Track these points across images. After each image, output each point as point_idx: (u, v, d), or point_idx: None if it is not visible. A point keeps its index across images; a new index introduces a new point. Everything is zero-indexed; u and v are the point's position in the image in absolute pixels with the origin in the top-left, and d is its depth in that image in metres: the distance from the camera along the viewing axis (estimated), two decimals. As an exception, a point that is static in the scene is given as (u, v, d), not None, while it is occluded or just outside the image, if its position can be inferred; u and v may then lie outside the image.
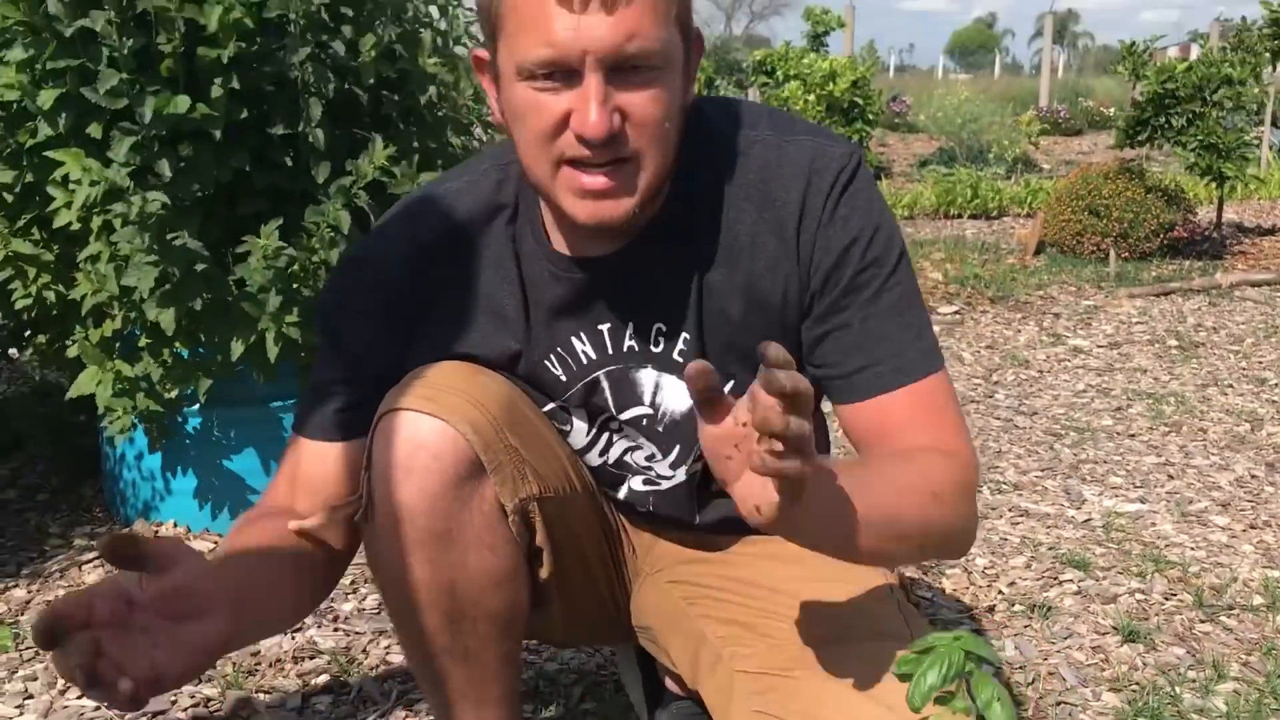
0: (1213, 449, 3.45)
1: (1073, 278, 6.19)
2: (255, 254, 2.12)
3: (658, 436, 1.35)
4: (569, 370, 1.31)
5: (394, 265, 1.29)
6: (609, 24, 1.03)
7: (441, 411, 1.19)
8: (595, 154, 1.08)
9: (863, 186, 1.22)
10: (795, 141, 1.23)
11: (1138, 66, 6.95)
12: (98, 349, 2.35)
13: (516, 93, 1.10)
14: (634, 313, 1.27)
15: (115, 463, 2.67)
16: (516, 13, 1.06)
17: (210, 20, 2.09)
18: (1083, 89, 23.33)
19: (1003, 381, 4.25)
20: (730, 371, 1.28)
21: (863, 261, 1.20)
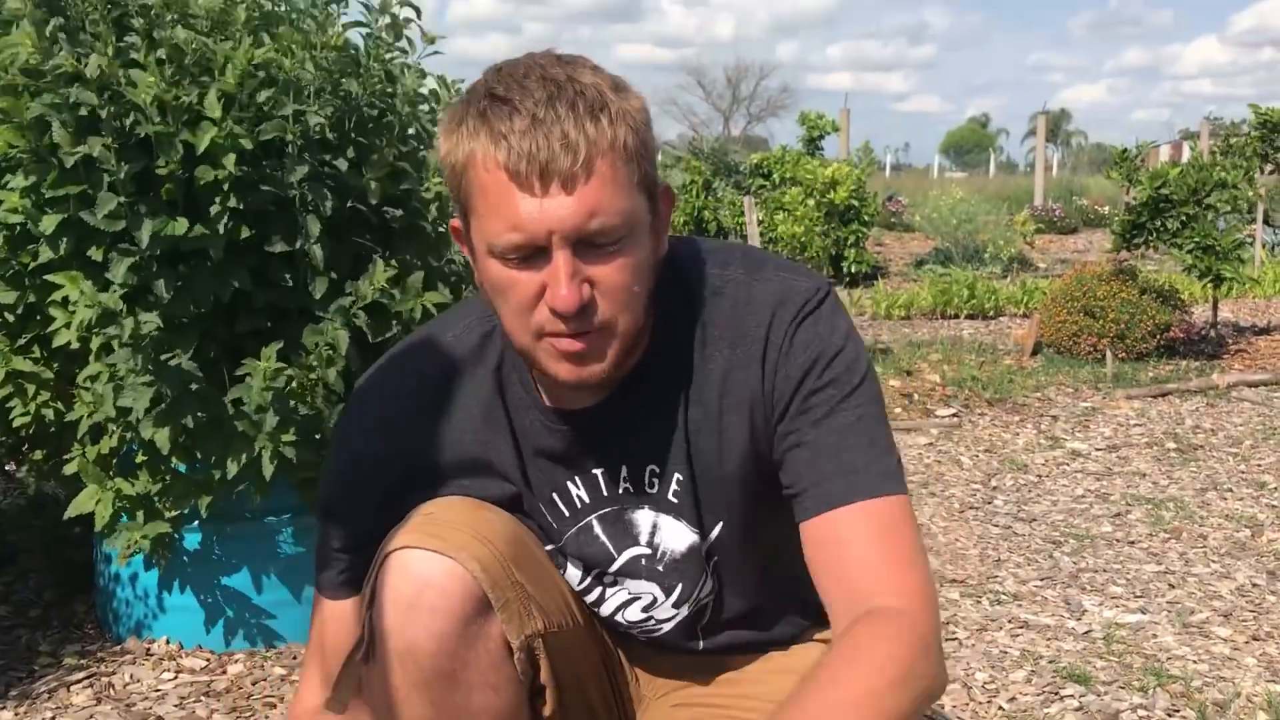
0: (1213, 556, 3.43)
1: (1070, 379, 6.21)
2: (256, 377, 2.14)
3: (658, 576, 1.34)
4: (561, 515, 1.32)
5: (386, 434, 1.31)
6: (571, 204, 1.07)
7: (448, 549, 1.18)
8: (570, 325, 1.11)
9: (826, 314, 1.23)
10: (764, 280, 1.25)
11: (1130, 172, 7.05)
12: (96, 466, 2.35)
13: (493, 269, 1.13)
14: (625, 457, 1.28)
15: (109, 578, 2.66)
16: (483, 197, 1.09)
17: (201, 142, 2.13)
18: (1077, 187, 23.63)
19: (1001, 487, 4.24)
20: (719, 513, 1.29)
21: (818, 382, 1.20)
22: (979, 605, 3.01)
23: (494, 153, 1.07)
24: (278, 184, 2.27)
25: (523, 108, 1.07)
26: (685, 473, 1.27)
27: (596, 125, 1.07)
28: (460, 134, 1.11)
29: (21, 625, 2.72)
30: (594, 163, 1.07)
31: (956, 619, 2.91)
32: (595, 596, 1.37)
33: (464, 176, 1.11)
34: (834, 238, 9.43)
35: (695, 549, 1.31)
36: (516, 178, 1.06)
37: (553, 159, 1.05)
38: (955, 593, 3.10)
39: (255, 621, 2.59)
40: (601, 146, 1.07)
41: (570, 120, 1.06)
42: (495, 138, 1.07)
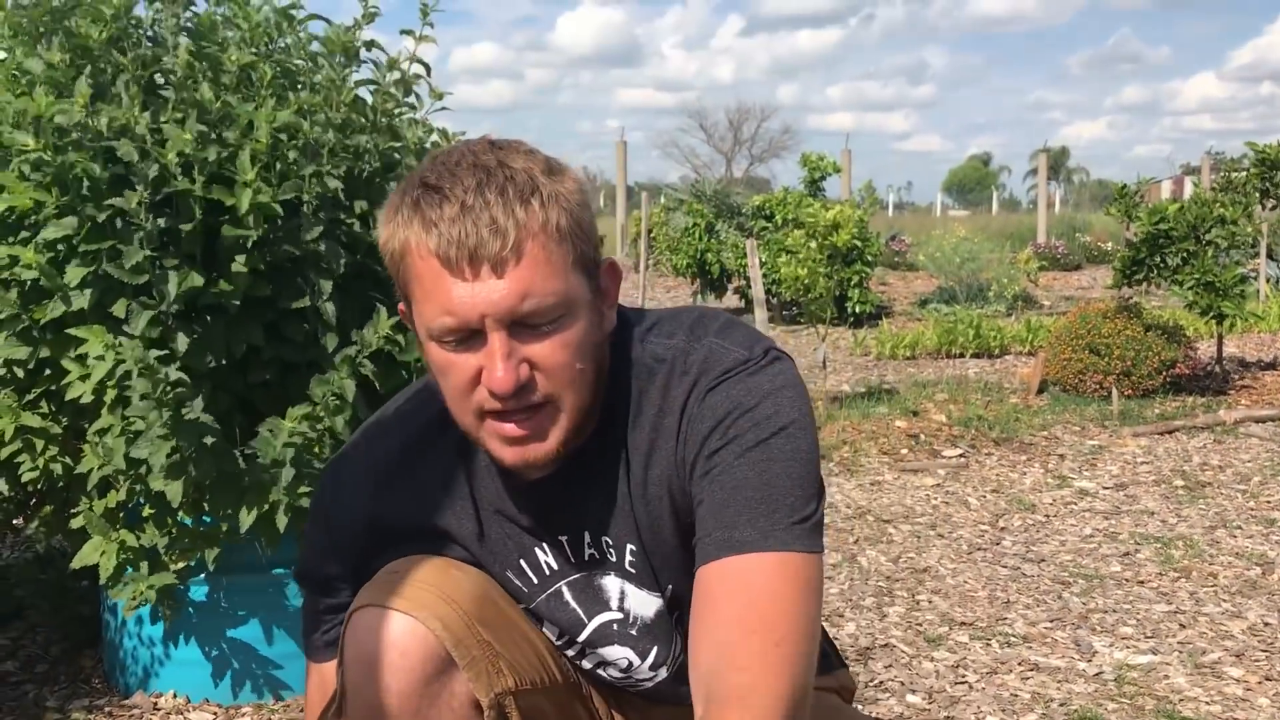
0: (1224, 595, 3.42)
1: (1076, 417, 6.20)
2: (280, 435, 2.16)
3: (631, 640, 1.35)
4: (530, 582, 1.33)
5: (357, 501, 1.33)
6: (501, 288, 1.08)
7: (411, 608, 1.20)
8: (507, 404, 1.12)
9: (745, 377, 1.19)
10: (700, 343, 1.23)
11: (1130, 209, 7.07)
12: (102, 519, 2.36)
13: (433, 352, 1.15)
14: (587, 524, 1.29)
15: (116, 631, 2.66)
16: (419, 283, 1.12)
17: (241, 203, 2.17)
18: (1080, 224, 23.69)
19: (1009, 527, 4.23)
20: (669, 575, 1.30)
21: (720, 441, 1.17)
22: (988, 647, 3.00)
23: (426, 240, 1.09)
24: (294, 241, 2.30)
25: (453, 195, 1.09)
26: (635, 542, 1.28)
27: (527, 209, 1.09)
28: (396, 222, 1.13)
29: (29, 680, 2.72)
30: (524, 245, 1.08)
31: (966, 662, 2.90)
32: (574, 653, 1.39)
33: (401, 263, 1.14)
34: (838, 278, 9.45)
35: (662, 613, 1.33)
36: (448, 264, 1.08)
37: (481, 244, 1.07)
38: (964, 635, 3.09)
39: (263, 673, 2.59)
40: (532, 229, 1.09)
41: (499, 206, 1.08)
42: (427, 225, 1.09)
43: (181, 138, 2.18)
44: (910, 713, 2.59)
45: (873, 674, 2.80)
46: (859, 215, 9.99)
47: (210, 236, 2.27)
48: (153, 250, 2.19)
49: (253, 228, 2.21)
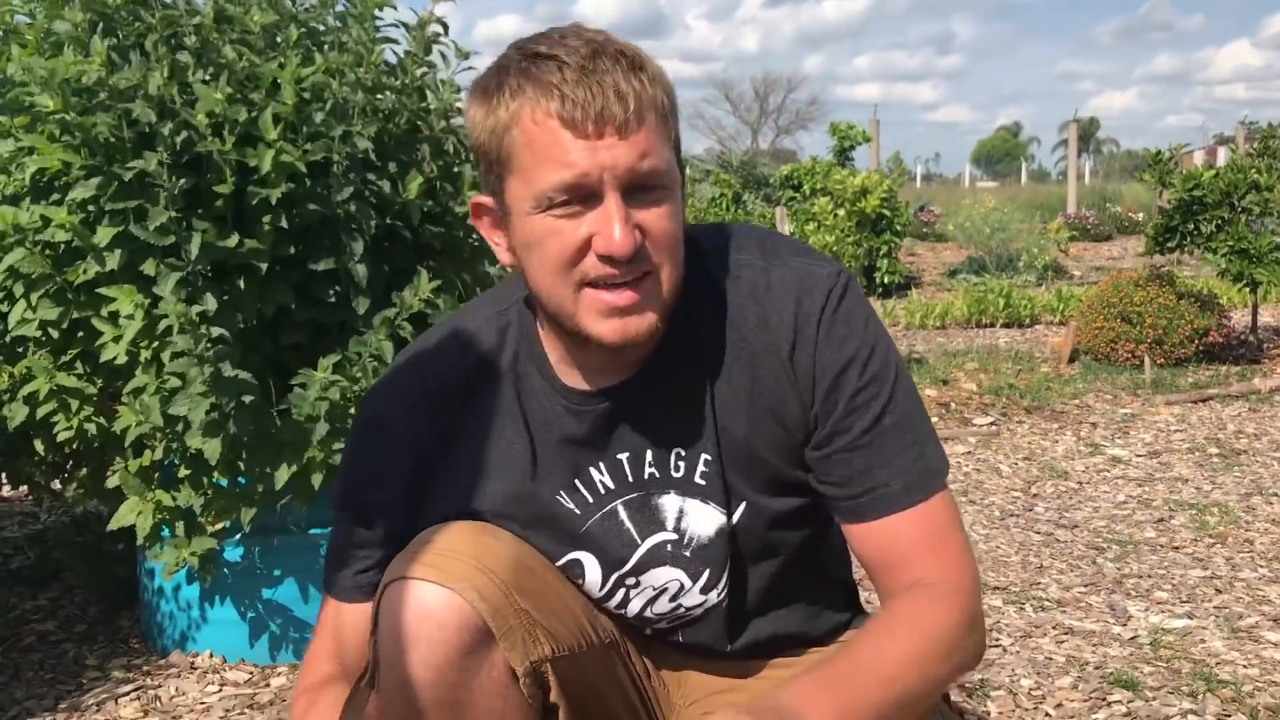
0: (1260, 561, 3.39)
1: (1108, 385, 6.15)
2: (313, 387, 2.16)
3: (684, 562, 1.34)
4: (585, 503, 1.31)
5: (403, 425, 1.31)
6: (624, 146, 1.10)
7: (447, 579, 1.17)
8: (621, 271, 1.13)
9: (854, 305, 1.25)
10: (782, 264, 1.26)
11: (1163, 175, 6.99)
12: (137, 479, 2.37)
13: (533, 224, 1.14)
14: (652, 440, 1.29)
15: (153, 593, 2.68)
16: (531, 146, 1.12)
17: (264, 163, 2.16)
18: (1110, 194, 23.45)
19: (1042, 494, 4.20)
20: (743, 494, 1.30)
21: (861, 380, 1.23)
22: (1022, 612, 2.98)
23: (545, 103, 1.10)
24: (323, 202, 2.29)
25: (570, 61, 1.10)
26: (713, 453, 1.28)
27: (640, 80, 1.12)
28: (500, 97, 1.13)
29: (69, 640, 2.75)
30: (643, 112, 1.11)
31: (1000, 626, 2.88)
32: (619, 599, 1.36)
33: (505, 137, 1.13)
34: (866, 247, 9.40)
35: (723, 532, 1.32)
36: (570, 125, 1.09)
37: (606, 106, 1.09)
38: (998, 600, 3.08)
39: (298, 635, 2.60)
40: (646, 99, 1.12)
41: (618, 73, 1.11)
42: (546, 89, 1.10)
43: (212, 97, 2.17)
44: (944, 675, 2.58)
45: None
46: (887, 184, 9.93)
47: (241, 197, 2.27)
48: (178, 211, 2.19)
49: (277, 186, 2.20)
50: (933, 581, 1.21)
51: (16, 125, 2.32)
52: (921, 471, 1.24)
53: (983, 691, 2.49)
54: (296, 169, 2.21)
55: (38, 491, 2.83)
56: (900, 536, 1.24)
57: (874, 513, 1.24)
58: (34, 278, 2.26)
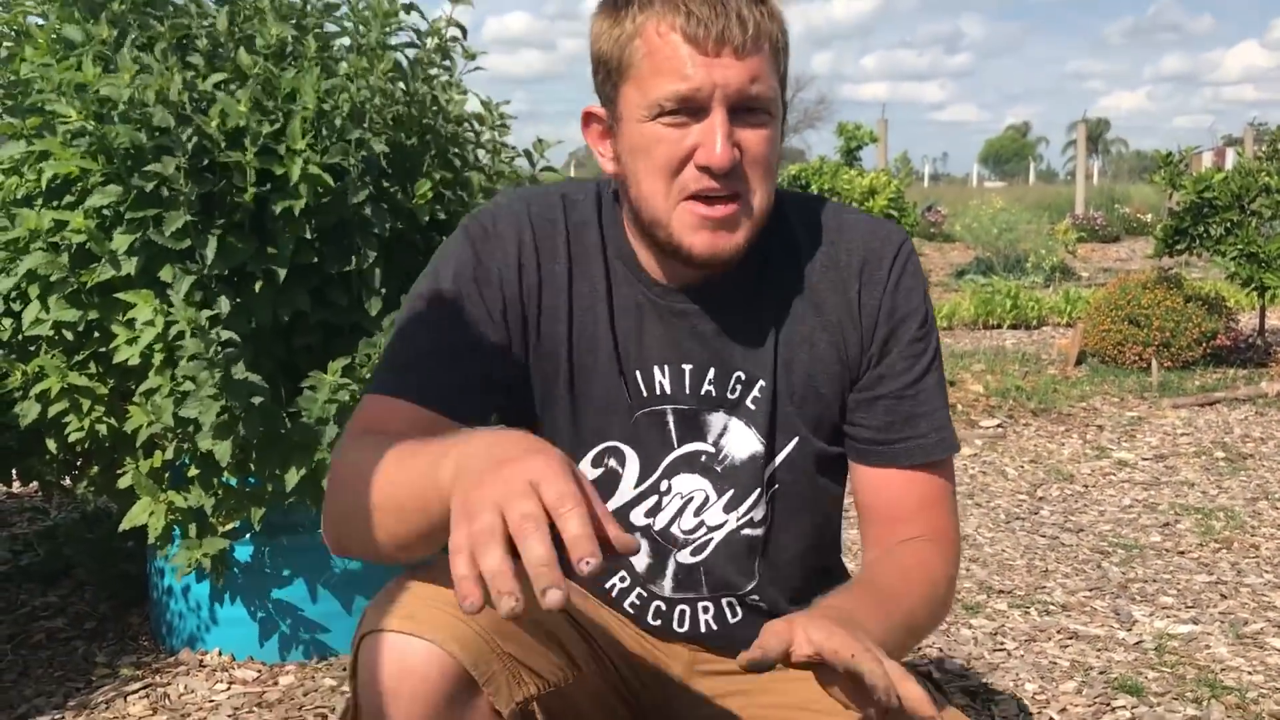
0: (1266, 567, 3.39)
1: (1115, 388, 6.16)
2: (322, 390, 2.17)
3: (713, 476, 1.37)
4: (640, 395, 1.35)
5: (513, 249, 1.32)
6: (738, 66, 1.18)
7: (425, 631, 1.14)
8: (719, 185, 1.21)
9: (917, 265, 1.37)
10: (854, 214, 1.39)
11: (1174, 176, 6.98)
12: (149, 479, 2.39)
13: (642, 131, 1.22)
14: (717, 358, 1.34)
15: (162, 591, 2.70)
16: (652, 56, 1.20)
17: (293, 172, 2.18)
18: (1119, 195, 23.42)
19: (1048, 497, 4.21)
20: (795, 428, 1.35)
21: (918, 333, 1.34)
22: (1027, 616, 2.99)
23: (672, 18, 1.18)
24: (340, 207, 2.31)
25: None
26: (769, 382, 1.34)
27: (762, 11, 1.20)
28: (629, 9, 1.22)
29: (78, 637, 2.77)
30: (760, 40, 1.19)
31: (1004, 629, 2.89)
32: (651, 504, 1.39)
33: (628, 47, 1.21)
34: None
35: (756, 459, 1.36)
36: (692, 40, 1.18)
37: (727, 27, 1.17)
38: (1003, 603, 3.08)
39: (307, 634, 2.62)
40: (764, 30, 1.20)
41: (742, 1, 1.19)
42: (673, 6, 1.18)
43: (237, 108, 2.18)
44: (948, 679, 2.60)
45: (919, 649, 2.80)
46: (894, 184, 9.93)
47: (258, 202, 2.28)
48: (194, 216, 2.20)
49: (303, 196, 2.21)
50: (935, 538, 1.34)
51: (28, 127, 2.34)
52: (950, 432, 1.36)
53: (986, 695, 2.50)
54: (324, 180, 2.23)
55: (49, 489, 2.85)
56: (917, 488, 1.34)
57: (907, 460, 1.34)
58: (51, 280, 2.27)
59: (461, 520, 0.94)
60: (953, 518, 1.38)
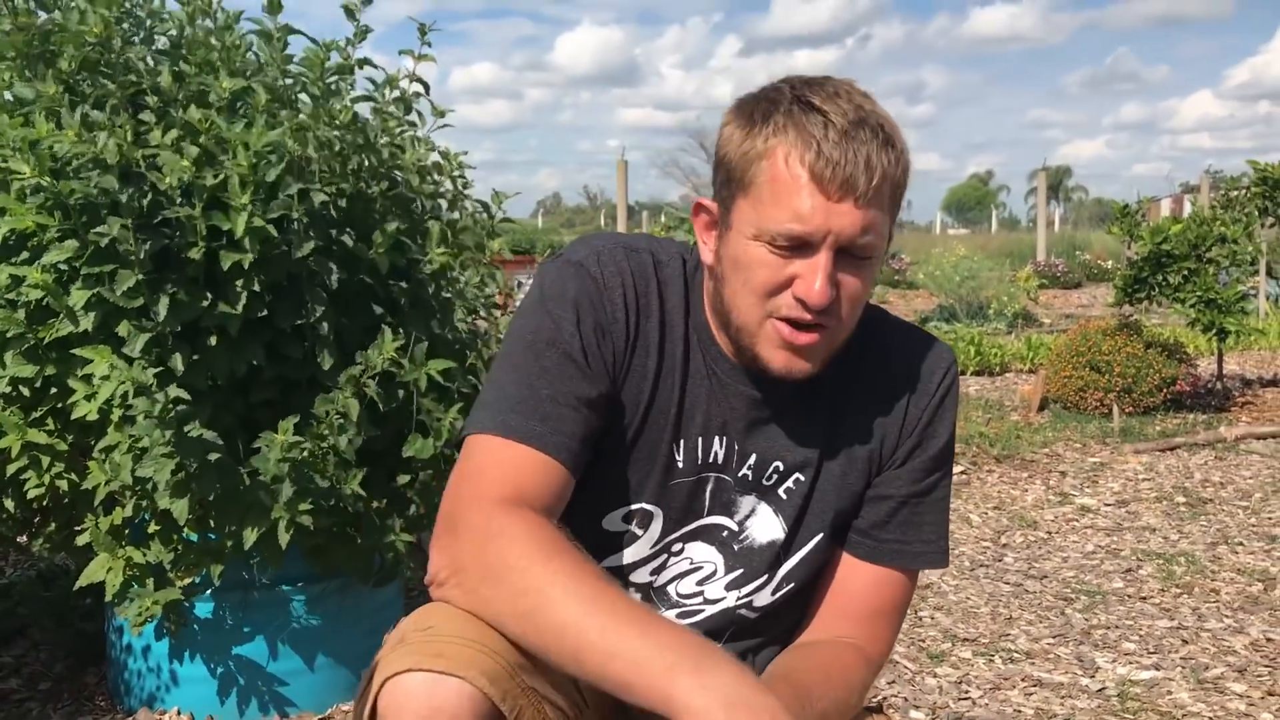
0: (1226, 611, 3.42)
1: (1077, 434, 6.21)
2: (273, 450, 2.16)
3: (730, 553, 1.40)
4: (693, 462, 1.36)
5: (618, 301, 1.32)
6: (855, 215, 1.19)
7: (453, 667, 1.14)
8: (811, 318, 1.23)
9: (958, 387, 1.42)
10: (910, 326, 1.44)
11: (1131, 228, 7.09)
12: (109, 536, 2.37)
13: (748, 249, 1.23)
14: (761, 445, 1.36)
15: (121, 649, 2.66)
16: (774, 184, 1.20)
17: (237, 227, 2.18)
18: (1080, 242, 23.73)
19: (1011, 544, 4.23)
20: (820, 526, 1.39)
21: (941, 452, 1.39)
22: (991, 664, 3.00)
23: (803, 152, 1.18)
24: (287, 260, 2.31)
25: (836, 121, 1.19)
26: (808, 479, 1.37)
27: (890, 156, 1.20)
28: (763, 128, 1.22)
29: (32, 698, 2.72)
30: (881, 187, 1.20)
31: (969, 678, 2.90)
32: (658, 564, 1.40)
33: (755, 165, 1.22)
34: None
35: (775, 547, 1.39)
36: (818, 180, 1.18)
37: (854, 174, 1.18)
38: (968, 651, 3.09)
39: (269, 690, 2.59)
40: (888, 175, 1.20)
41: (874, 145, 1.19)
42: (806, 139, 1.19)
43: (180, 165, 2.18)
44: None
45: (876, 689, 2.80)
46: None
47: (210, 258, 2.28)
48: (148, 273, 2.20)
49: (249, 250, 2.21)
50: (869, 649, 1.38)
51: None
52: (937, 548, 1.40)
53: (952, 745, 2.50)
54: (268, 232, 2.23)
55: (4, 546, 2.81)
56: (880, 592, 1.39)
57: (887, 561, 1.38)
58: (8, 336, 2.26)
59: None
60: (894, 632, 1.42)
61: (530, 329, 1.29)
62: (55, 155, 2.17)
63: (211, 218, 2.20)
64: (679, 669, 1.07)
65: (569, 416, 1.26)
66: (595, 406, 1.28)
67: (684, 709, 1.05)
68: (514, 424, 1.25)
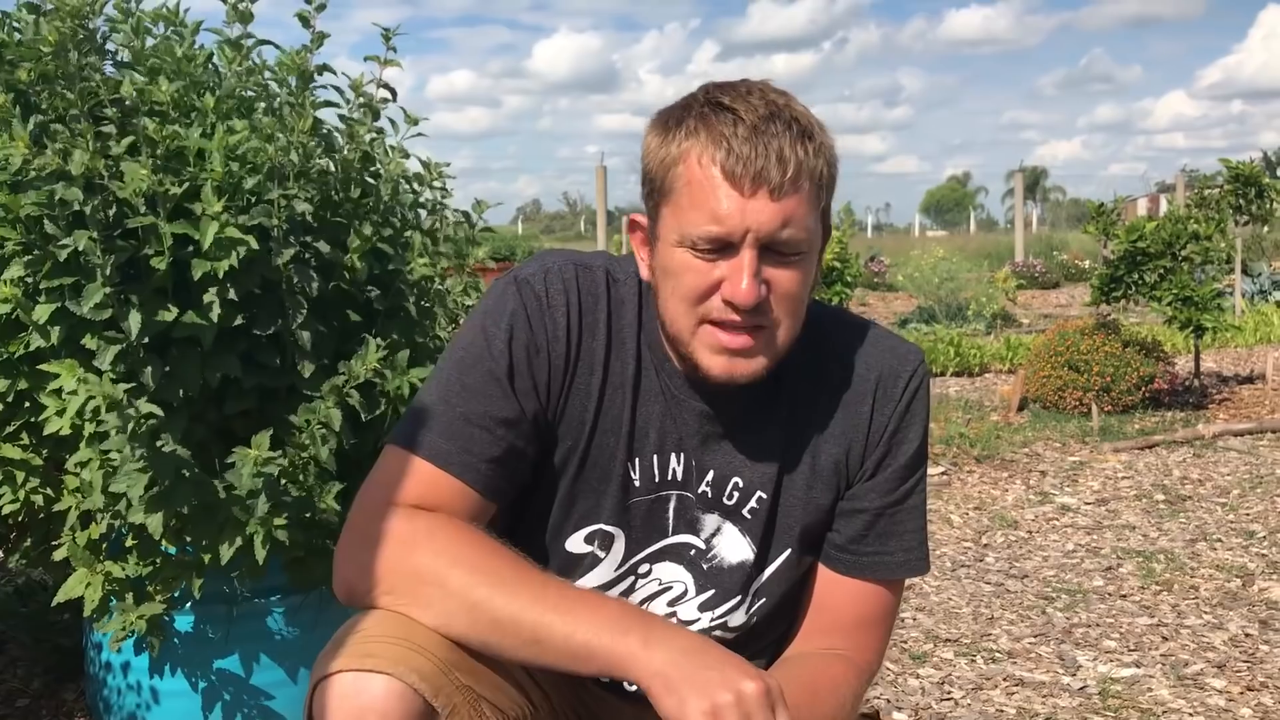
0: (1205, 607, 3.44)
1: (1057, 433, 6.24)
2: (246, 465, 2.14)
3: (699, 572, 1.38)
4: (650, 480, 1.35)
5: (561, 319, 1.31)
6: (772, 209, 1.18)
7: (384, 665, 1.15)
8: (741, 319, 1.21)
9: (927, 390, 1.39)
10: (875, 330, 1.41)
11: (1107, 227, 7.14)
12: (86, 551, 2.35)
13: (673, 256, 1.23)
14: (718, 462, 1.35)
15: (100, 665, 2.64)
16: (690, 188, 1.20)
17: (205, 237, 2.16)
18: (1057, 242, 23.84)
19: (992, 544, 4.24)
20: (788, 541, 1.37)
21: (912, 459, 1.37)
22: (973, 664, 3.01)
23: (714, 152, 1.19)
24: (265, 268, 2.29)
25: (746, 118, 1.19)
26: (769, 495, 1.35)
27: (806, 149, 1.20)
28: (676, 133, 1.22)
29: (10, 715, 2.70)
30: (799, 180, 1.19)
31: (952, 679, 2.91)
32: (626, 586, 1.39)
33: (671, 171, 1.22)
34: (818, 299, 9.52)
35: (745, 567, 1.38)
36: (730, 178, 1.18)
37: (766, 168, 1.17)
38: (949, 652, 3.10)
39: (252, 703, 2.57)
40: (805, 168, 1.19)
41: (786, 139, 1.18)
42: (716, 139, 1.19)
43: (139, 174, 2.16)
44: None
45: (859, 692, 2.81)
46: (837, 237, 10.05)
47: (181, 268, 2.26)
48: (115, 285, 2.18)
49: (222, 259, 2.19)
50: (857, 658, 1.37)
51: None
52: (917, 555, 1.39)
53: (935, 746, 2.50)
54: (242, 241, 2.21)
55: (-19, 563, 2.79)
56: (864, 604, 1.38)
57: (869, 574, 1.37)
58: (-23, 351, 2.24)
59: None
60: (883, 641, 1.41)
61: (463, 345, 1.31)
62: (5, 167, 2.15)
63: (179, 228, 2.19)
64: (633, 633, 1.14)
65: (480, 437, 1.27)
66: (515, 426, 1.28)
67: (644, 666, 1.13)
68: (424, 440, 1.28)
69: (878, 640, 1.40)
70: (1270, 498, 4.80)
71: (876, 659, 1.40)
